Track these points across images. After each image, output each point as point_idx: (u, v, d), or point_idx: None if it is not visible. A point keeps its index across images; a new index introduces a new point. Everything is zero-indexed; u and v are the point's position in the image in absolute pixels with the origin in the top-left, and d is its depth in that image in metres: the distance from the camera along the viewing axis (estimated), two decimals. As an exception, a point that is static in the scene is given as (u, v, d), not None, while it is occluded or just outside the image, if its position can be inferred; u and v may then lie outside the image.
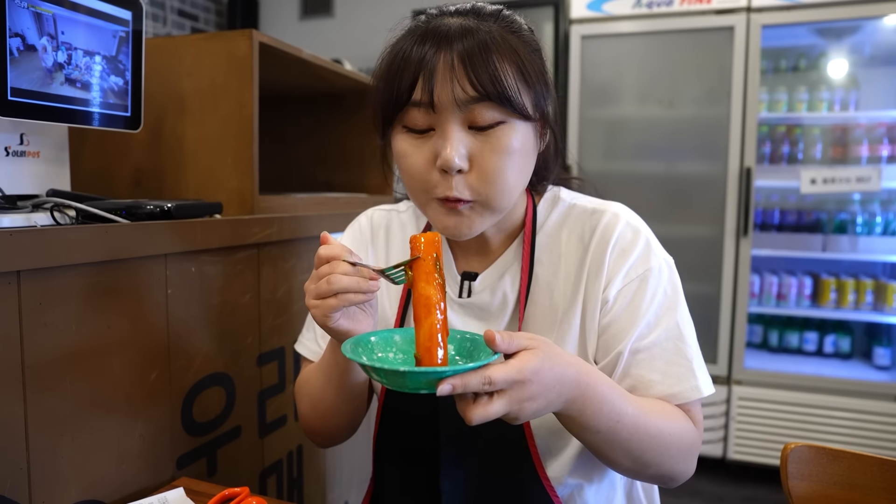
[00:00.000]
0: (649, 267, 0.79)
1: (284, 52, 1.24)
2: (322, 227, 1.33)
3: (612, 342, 0.79)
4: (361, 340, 0.69)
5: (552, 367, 0.61)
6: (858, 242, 2.75)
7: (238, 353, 1.09)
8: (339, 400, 0.85)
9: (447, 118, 0.71)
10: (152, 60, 1.17)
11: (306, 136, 1.85)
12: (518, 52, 0.72)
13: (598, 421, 0.67)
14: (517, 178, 0.75)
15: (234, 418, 1.08)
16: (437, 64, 0.70)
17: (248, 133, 1.16)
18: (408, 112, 0.73)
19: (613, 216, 0.82)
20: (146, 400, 0.90)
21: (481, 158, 0.72)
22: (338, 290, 0.67)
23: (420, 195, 0.77)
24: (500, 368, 0.57)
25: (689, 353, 0.78)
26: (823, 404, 2.59)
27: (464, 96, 0.69)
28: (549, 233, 0.85)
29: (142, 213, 0.95)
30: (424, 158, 0.74)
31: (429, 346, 0.62)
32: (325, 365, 0.84)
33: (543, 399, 0.61)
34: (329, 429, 0.91)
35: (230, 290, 1.07)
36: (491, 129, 0.71)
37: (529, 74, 0.73)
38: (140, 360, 0.89)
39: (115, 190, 1.26)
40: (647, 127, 2.78)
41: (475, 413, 0.57)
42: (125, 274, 0.86)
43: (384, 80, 0.75)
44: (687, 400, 0.77)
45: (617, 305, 0.79)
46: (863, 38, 2.86)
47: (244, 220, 1.08)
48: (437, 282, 0.64)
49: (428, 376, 0.57)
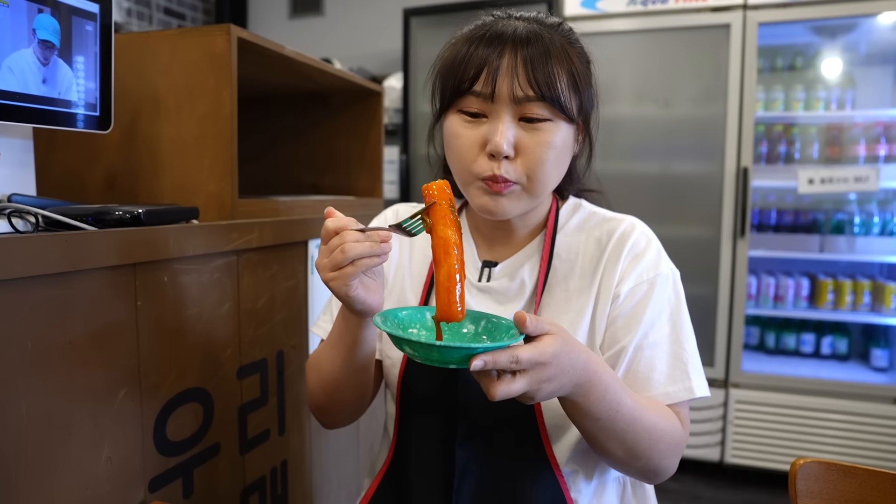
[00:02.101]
0: (659, 272, 0.86)
1: (265, 48, 1.19)
2: (306, 233, 1.27)
3: (618, 336, 0.84)
4: (390, 315, 0.73)
5: (569, 353, 0.65)
6: (856, 243, 2.71)
7: (216, 367, 1.03)
8: (346, 373, 0.87)
9: (502, 109, 0.79)
10: (124, 57, 1.11)
11: (292, 137, 1.79)
12: (573, 61, 0.81)
13: (599, 408, 0.72)
14: (553, 172, 0.83)
15: (211, 435, 1.03)
16: (503, 62, 0.78)
17: (227, 134, 1.10)
18: (467, 98, 0.81)
19: (630, 225, 0.90)
20: (114, 420, 0.84)
21: (526, 148, 0.80)
22: (353, 257, 0.70)
23: (465, 175, 0.83)
24: (527, 349, 0.62)
25: (686, 357, 0.84)
26: (822, 407, 2.55)
27: (521, 94, 0.78)
28: (570, 234, 0.92)
29: (110, 220, 0.89)
30: (474, 141, 0.81)
31: (448, 286, 0.67)
32: (335, 337, 0.86)
33: (558, 381, 0.65)
34: (334, 403, 0.93)
35: (207, 301, 1.01)
36: (539, 124, 0.79)
37: (580, 82, 0.82)
38: (107, 377, 0.83)
39: (88, 194, 1.19)
40: (643, 126, 2.73)
41: (499, 389, 0.62)
42: (89, 285, 0.80)
43: (450, 67, 0.82)
44: (678, 400, 0.82)
45: (626, 302, 0.85)
46: (859, 36, 2.82)
47: (222, 225, 1.02)
48: (454, 224, 0.69)
49: (461, 352, 0.61)
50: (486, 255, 0.95)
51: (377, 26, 3.84)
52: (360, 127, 1.75)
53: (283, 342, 1.22)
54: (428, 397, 0.89)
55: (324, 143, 1.77)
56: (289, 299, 1.23)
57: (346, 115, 1.74)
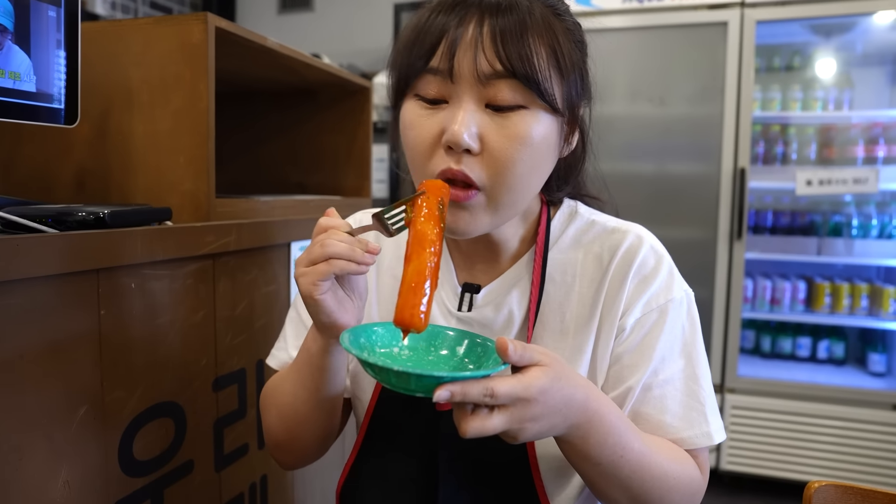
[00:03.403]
0: (671, 298, 0.73)
1: (246, 39, 1.12)
2: (289, 234, 1.20)
3: (624, 374, 0.72)
4: (365, 331, 0.64)
5: (561, 388, 0.56)
6: (854, 246, 2.67)
7: (189, 379, 0.96)
8: (310, 405, 0.75)
9: (464, 90, 0.64)
10: (94, 47, 1.04)
11: (277, 134, 1.72)
12: (557, 37, 0.65)
13: (600, 452, 0.62)
14: (529, 175, 0.67)
15: (184, 452, 0.96)
16: (465, 32, 0.63)
17: (203, 129, 1.03)
18: (423, 79, 0.66)
19: (637, 238, 0.75)
20: (73, 440, 0.77)
21: (494, 142, 0.64)
22: (330, 255, 0.62)
23: (420, 172, 0.69)
24: (506, 382, 0.53)
25: (703, 396, 0.72)
26: (819, 413, 2.51)
27: (487, 69, 0.63)
28: (564, 249, 0.78)
29: (72, 222, 0.82)
30: (431, 132, 0.66)
31: (414, 285, 0.57)
32: (299, 362, 0.75)
33: (547, 421, 0.56)
34: (297, 442, 0.80)
35: (180, 308, 0.94)
36: (510, 112, 0.64)
37: (565, 63, 0.66)
38: (64, 393, 0.76)
39: (56, 193, 1.12)
40: (638, 125, 2.68)
41: (471, 425, 0.52)
42: (45, 293, 0.73)
43: (404, 46, 0.68)
44: (696, 446, 0.71)
45: (633, 336, 0.72)
46: (858, 35, 2.78)
47: (196, 227, 0.95)
48: (437, 225, 0.60)
49: (423, 380, 0.51)
50: (466, 278, 0.80)
51: (367, 22, 3.77)
52: (348, 124, 1.68)
53: (263, 350, 1.15)
54: (401, 431, 0.77)
55: (310, 141, 1.70)
56: (270, 305, 1.16)
57: (334, 112, 1.67)
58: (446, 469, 0.73)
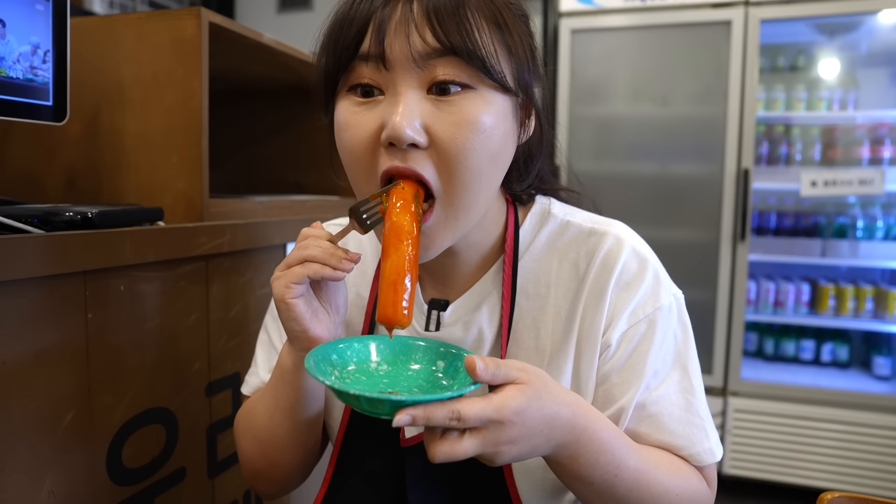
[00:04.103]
0: (659, 305, 0.67)
1: (241, 35, 1.09)
2: (285, 235, 1.17)
3: (614, 394, 0.66)
4: (336, 348, 0.59)
5: (542, 408, 0.51)
6: (858, 247, 2.64)
7: (182, 384, 0.94)
8: (287, 427, 0.71)
9: (400, 76, 0.57)
10: (85, 42, 1.01)
11: (275, 133, 1.69)
12: (500, 11, 0.59)
13: (591, 471, 0.57)
14: (486, 168, 0.59)
15: (176, 459, 0.93)
16: (393, 11, 0.56)
17: (197, 127, 1.00)
18: (353, 71, 0.59)
19: (616, 241, 0.68)
20: (58, 447, 0.74)
21: (441, 132, 0.57)
22: (306, 257, 0.59)
23: (361, 180, 0.62)
24: (475, 404, 0.48)
25: (701, 410, 0.67)
26: (823, 417, 2.48)
27: (423, 48, 0.55)
28: (537, 257, 0.71)
29: (59, 222, 0.80)
30: (369, 130, 0.59)
31: (394, 280, 0.54)
32: (274, 382, 0.71)
33: (527, 443, 0.52)
34: (277, 469, 0.76)
35: (171, 311, 0.91)
36: (455, 96, 0.57)
37: (512, 38, 0.59)
38: (50, 400, 0.73)
39: (47, 193, 1.09)
40: (640, 126, 2.65)
41: (439, 450, 0.48)
42: (28, 296, 0.70)
43: (328, 38, 0.61)
44: (701, 465, 0.67)
45: (620, 351, 0.66)
46: (863, 35, 2.75)
47: (188, 228, 0.92)
48: (414, 218, 0.56)
49: (381, 404, 0.47)
50: (432, 294, 0.74)
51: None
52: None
53: (258, 354, 1.12)
54: (371, 451, 0.73)
55: (309, 140, 1.67)
56: (265, 308, 1.13)
57: (332, 111, 1.64)
58: (417, 496, 0.68)
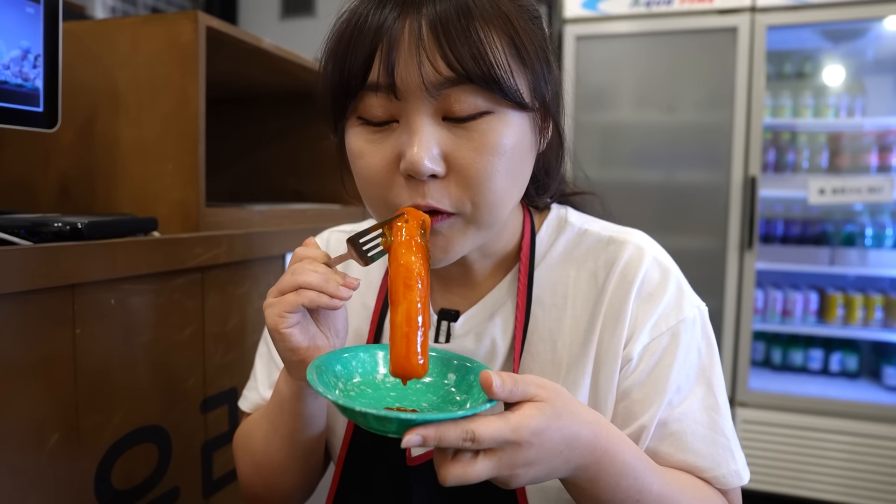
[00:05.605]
0: (682, 318, 0.64)
1: (240, 40, 1.06)
2: (284, 245, 1.14)
3: (635, 411, 0.63)
4: (340, 358, 0.56)
5: (561, 428, 0.48)
6: (867, 256, 2.60)
7: (175, 400, 0.90)
8: (285, 453, 0.68)
9: (414, 106, 0.54)
10: (78, 47, 0.99)
11: (276, 140, 1.67)
12: (511, 20, 0.55)
13: (612, 496, 0.53)
14: (509, 186, 0.58)
15: (169, 479, 0.89)
16: (401, 34, 0.53)
17: (193, 134, 0.97)
18: (363, 99, 0.56)
19: (636, 249, 0.65)
20: (43, 469, 0.70)
21: (461, 159, 0.55)
22: (301, 284, 0.55)
23: (380, 208, 0.60)
24: (490, 424, 0.45)
25: (727, 429, 0.63)
26: (831, 428, 2.43)
27: (435, 77, 0.52)
28: (553, 266, 0.68)
29: (47, 233, 0.76)
30: (384, 159, 0.56)
31: (407, 332, 0.50)
32: (272, 407, 0.68)
33: (545, 465, 0.48)
34: (275, 492, 0.73)
35: (165, 325, 0.88)
36: (473, 121, 0.54)
37: (526, 49, 0.56)
38: (34, 419, 0.69)
39: (39, 202, 1.06)
40: (646, 133, 2.62)
41: (450, 473, 0.45)
42: (11, 311, 0.67)
43: (334, 56, 0.58)
44: (725, 487, 0.63)
45: (642, 365, 0.63)
46: (870, 41, 2.73)
47: (183, 238, 0.89)
48: (421, 251, 0.53)
49: (392, 423, 0.44)
50: (442, 303, 0.71)
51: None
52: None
53: (256, 368, 1.09)
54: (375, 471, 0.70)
55: (310, 147, 1.64)
56: (263, 320, 1.10)
57: (334, 118, 1.61)
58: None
